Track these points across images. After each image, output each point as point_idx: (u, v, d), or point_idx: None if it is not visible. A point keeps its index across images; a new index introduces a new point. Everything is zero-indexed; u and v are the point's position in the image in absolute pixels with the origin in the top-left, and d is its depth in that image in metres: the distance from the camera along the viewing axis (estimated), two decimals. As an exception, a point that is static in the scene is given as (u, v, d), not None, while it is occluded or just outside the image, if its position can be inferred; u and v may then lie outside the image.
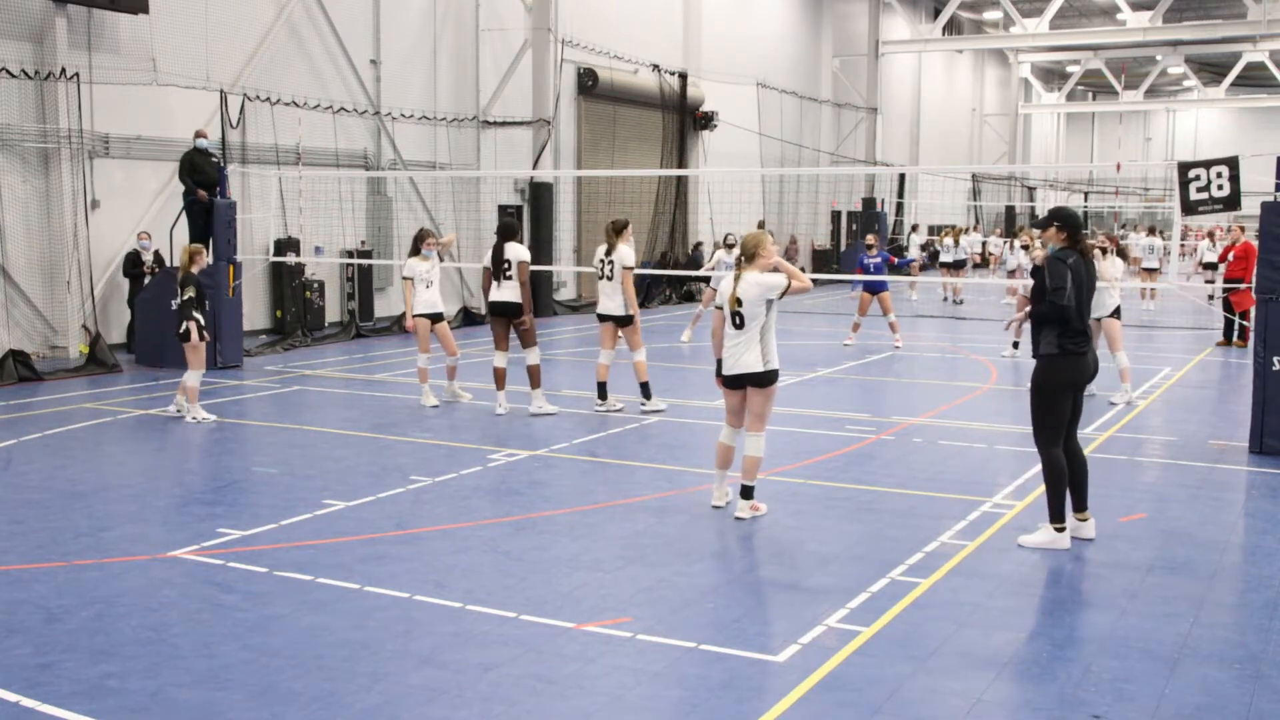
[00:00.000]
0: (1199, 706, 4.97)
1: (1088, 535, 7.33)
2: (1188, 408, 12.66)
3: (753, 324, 7.71)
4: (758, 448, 7.85)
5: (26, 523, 7.70)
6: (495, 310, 11.73)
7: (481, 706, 4.87)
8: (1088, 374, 7.19)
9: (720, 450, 8.15)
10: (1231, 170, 11.10)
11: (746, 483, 7.88)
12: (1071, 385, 7.13)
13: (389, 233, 21.23)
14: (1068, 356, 7.05)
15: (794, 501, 8.35)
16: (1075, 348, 7.06)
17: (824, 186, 36.89)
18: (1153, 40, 40.94)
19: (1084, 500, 7.38)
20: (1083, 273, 7.09)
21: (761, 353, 7.72)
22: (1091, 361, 7.23)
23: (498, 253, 11.61)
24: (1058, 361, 7.07)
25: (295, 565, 6.75)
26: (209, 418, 11.36)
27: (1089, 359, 7.18)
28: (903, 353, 17.34)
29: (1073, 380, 7.13)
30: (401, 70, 21.32)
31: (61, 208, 15.70)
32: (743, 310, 7.70)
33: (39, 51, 15.51)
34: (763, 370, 7.73)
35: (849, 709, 4.88)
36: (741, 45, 31.86)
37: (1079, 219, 7.28)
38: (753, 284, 7.69)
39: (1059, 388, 7.11)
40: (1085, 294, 7.14)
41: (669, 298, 26.72)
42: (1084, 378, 7.17)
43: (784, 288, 7.67)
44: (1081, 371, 7.12)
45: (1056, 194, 59.13)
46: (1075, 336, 7.06)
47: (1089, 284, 7.17)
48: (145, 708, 4.84)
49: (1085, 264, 7.14)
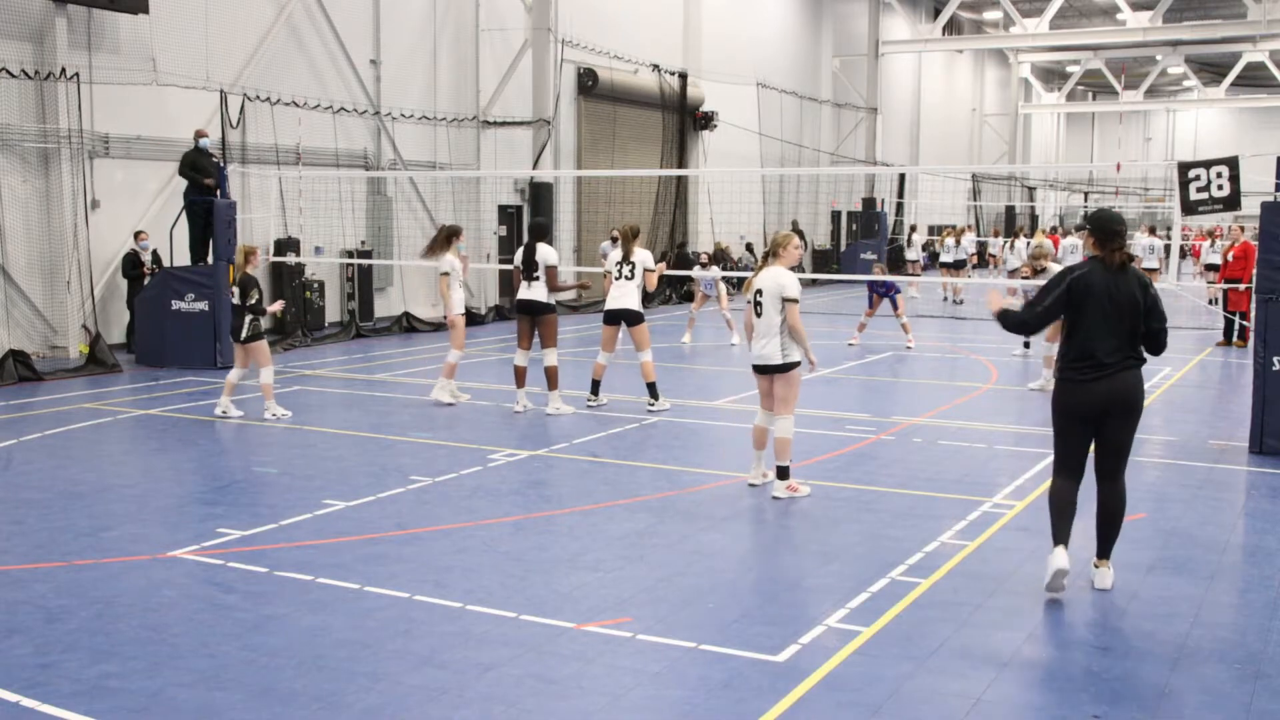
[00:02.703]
0: (1199, 706, 4.96)
1: (1101, 585, 6.43)
2: (1188, 408, 12.66)
3: (770, 315, 8.30)
4: (785, 429, 8.36)
5: (26, 523, 7.69)
6: (522, 309, 11.83)
7: (481, 706, 4.86)
8: (1093, 406, 6.20)
9: (756, 432, 8.70)
10: (1231, 170, 11.11)
11: (780, 463, 8.39)
12: (1078, 418, 6.26)
13: (389, 233, 21.24)
14: (1067, 385, 6.27)
15: (794, 501, 8.35)
16: (1078, 375, 6.20)
17: (824, 186, 36.90)
18: (1153, 40, 40.95)
19: (1104, 546, 6.50)
20: (1094, 290, 6.15)
21: (780, 345, 8.30)
22: (1105, 392, 6.17)
23: (529, 252, 11.69)
24: (1060, 388, 6.34)
25: (295, 565, 6.75)
26: (286, 413, 11.53)
27: (1098, 390, 6.17)
28: (903, 353, 17.33)
29: (1076, 412, 6.26)
30: (401, 70, 21.32)
31: (61, 208, 15.70)
32: (762, 300, 8.34)
33: (39, 51, 15.51)
34: (781, 363, 8.32)
35: (849, 709, 4.88)
36: (741, 45, 31.86)
37: (1110, 224, 6.25)
38: (771, 279, 8.32)
39: (1061, 416, 6.34)
40: (1098, 315, 6.15)
41: (669, 298, 26.71)
42: (1089, 410, 6.22)
43: (794, 298, 8.26)
44: (1084, 402, 6.21)
45: (1056, 194, 59.17)
46: (1078, 362, 6.21)
47: (1107, 303, 6.14)
48: (145, 708, 4.84)
49: (1111, 278, 6.16)
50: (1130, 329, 6.17)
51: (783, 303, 8.25)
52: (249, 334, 11.45)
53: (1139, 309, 6.17)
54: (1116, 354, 6.15)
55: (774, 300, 8.27)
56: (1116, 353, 6.15)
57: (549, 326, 11.74)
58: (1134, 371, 6.24)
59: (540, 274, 11.63)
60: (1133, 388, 6.23)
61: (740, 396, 13.07)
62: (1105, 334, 6.13)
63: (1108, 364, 6.15)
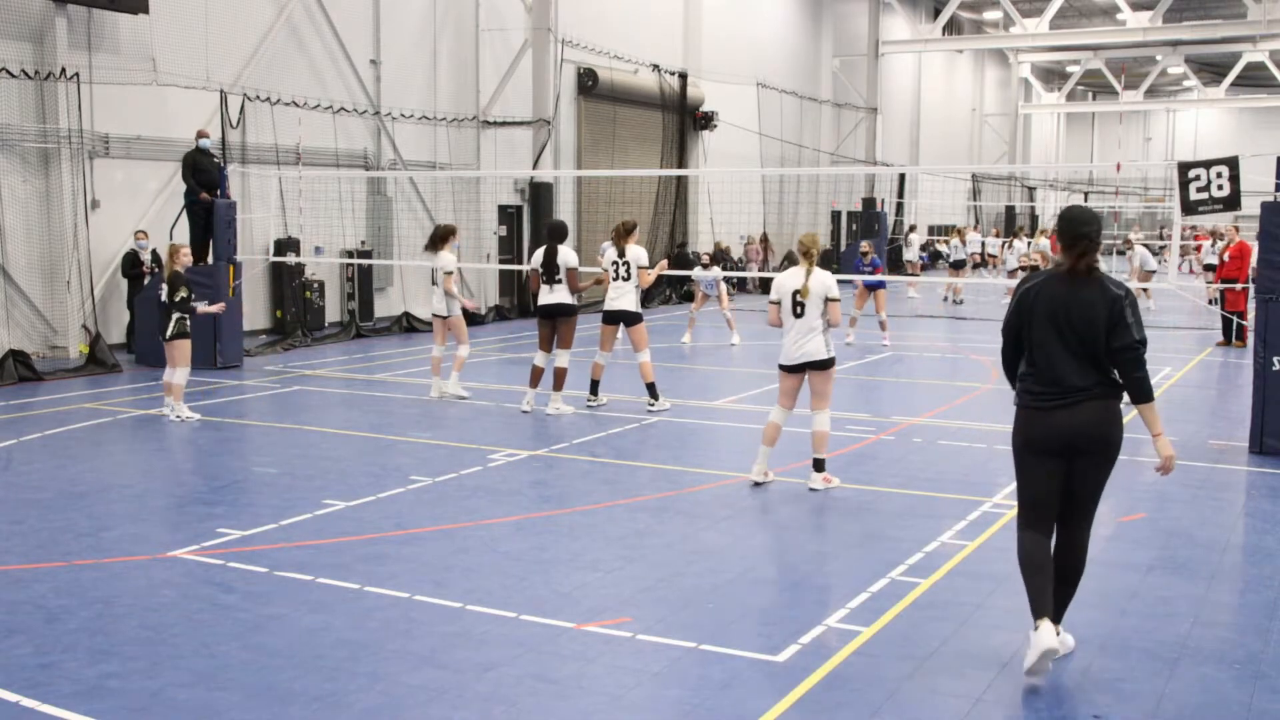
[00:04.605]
0: (1199, 706, 4.96)
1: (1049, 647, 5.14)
2: (1188, 408, 12.65)
3: (813, 314, 8.62)
4: (824, 423, 8.66)
5: (26, 523, 7.69)
6: (543, 312, 11.85)
7: (481, 706, 4.86)
8: (1054, 440, 5.19)
9: (770, 429, 8.82)
10: (1231, 170, 11.10)
11: (818, 455, 8.68)
12: (1037, 453, 5.27)
13: (389, 233, 21.23)
14: (1025, 413, 5.32)
15: (794, 501, 8.35)
16: (1034, 401, 5.25)
17: (824, 186, 36.89)
18: (1153, 40, 40.94)
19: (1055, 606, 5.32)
20: (1045, 303, 5.19)
21: (825, 342, 8.66)
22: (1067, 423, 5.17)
23: (550, 255, 11.70)
24: (1017, 417, 5.38)
25: (295, 565, 6.75)
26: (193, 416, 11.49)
27: (1058, 420, 5.17)
28: (902, 353, 17.34)
29: (1035, 446, 5.27)
30: (401, 70, 21.32)
31: (61, 208, 15.69)
32: (806, 301, 8.62)
33: (39, 51, 15.51)
34: (826, 357, 8.65)
35: (849, 709, 4.88)
36: (741, 45, 31.85)
37: (1075, 224, 5.21)
38: (817, 281, 8.68)
39: (1019, 451, 5.38)
40: (1051, 332, 5.17)
41: (669, 298, 26.72)
42: (1049, 444, 5.22)
43: (838, 298, 8.67)
44: (1044, 435, 5.22)
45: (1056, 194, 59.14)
46: (1037, 386, 5.25)
47: (1061, 318, 5.15)
48: (145, 708, 4.84)
49: (1070, 289, 5.17)
50: (1091, 350, 5.14)
51: (825, 302, 8.61)
52: (174, 332, 11.47)
53: (1098, 325, 5.10)
54: (1082, 378, 5.15)
55: (818, 300, 8.61)
56: (1081, 377, 5.15)
57: (568, 328, 11.78)
58: (1105, 402, 5.19)
59: (561, 277, 11.65)
60: (1102, 420, 5.18)
61: (740, 396, 13.08)
62: (1063, 355, 5.16)
63: (1071, 390, 5.16)
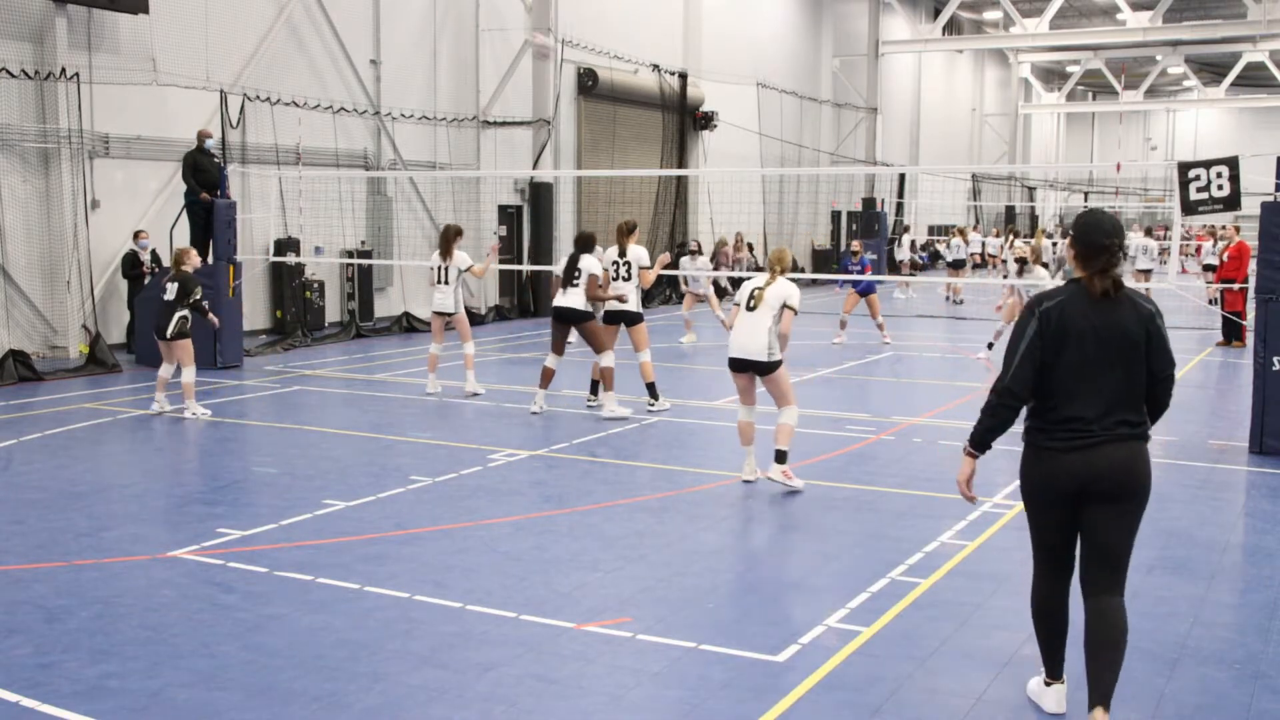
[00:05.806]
0: (1199, 706, 4.96)
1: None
2: (1188, 408, 12.65)
3: (763, 314, 8.48)
4: (790, 416, 8.58)
5: (26, 523, 7.69)
6: (558, 315, 11.85)
7: (481, 706, 4.87)
8: (1069, 485, 4.49)
9: (742, 428, 8.85)
10: (1231, 170, 11.10)
11: (779, 447, 8.50)
12: (1049, 502, 4.59)
13: (389, 233, 21.24)
14: (1035, 453, 4.60)
15: (794, 501, 8.35)
16: (1047, 440, 4.53)
17: (824, 186, 36.90)
18: (1153, 40, 40.95)
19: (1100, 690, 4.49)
20: (1072, 327, 4.45)
21: (768, 344, 8.45)
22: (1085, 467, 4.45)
23: (572, 262, 11.77)
24: (1026, 458, 4.66)
25: (295, 565, 6.75)
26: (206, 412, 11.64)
27: (1075, 463, 4.46)
28: (903, 353, 17.35)
29: (1047, 493, 4.58)
30: (401, 70, 21.31)
31: (61, 208, 15.69)
32: (760, 302, 8.53)
33: (39, 51, 15.51)
34: (766, 360, 8.47)
35: (849, 709, 4.88)
36: (741, 45, 31.85)
37: (1096, 234, 4.46)
38: (782, 287, 8.58)
39: (1029, 498, 4.69)
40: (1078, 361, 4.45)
41: (669, 298, 26.71)
42: (1062, 490, 4.51)
43: (797, 309, 8.57)
44: (1057, 480, 4.51)
45: (1056, 194, 59.16)
46: (1051, 424, 4.53)
47: (1091, 344, 4.43)
48: (145, 708, 4.84)
49: (1096, 309, 4.44)
50: (1126, 380, 4.46)
51: (782, 308, 8.50)
52: (175, 331, 11.59)
53: (1137, 351, 4.46)
54: (1107, 416, 4.45)
55: (774, 302, 8.51)
56: (1107, 415, 4.45)
57: (594, 333, 11.72)
58: (1133, 444, 4.49)
59: (580, 281, 11.65)
60: (1130, 463, 4.46)
61: (740, 396, 13.06)
62: (1090, 388, 4.45)
63: (1093, 429, 4.45)
